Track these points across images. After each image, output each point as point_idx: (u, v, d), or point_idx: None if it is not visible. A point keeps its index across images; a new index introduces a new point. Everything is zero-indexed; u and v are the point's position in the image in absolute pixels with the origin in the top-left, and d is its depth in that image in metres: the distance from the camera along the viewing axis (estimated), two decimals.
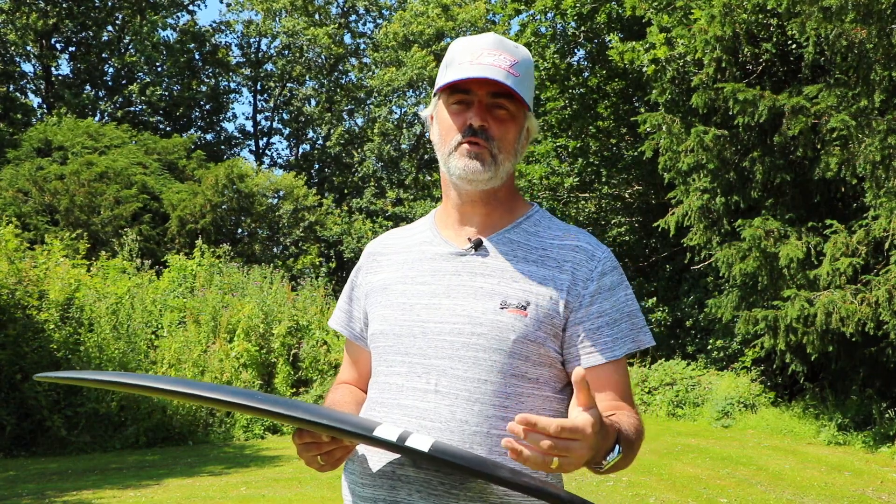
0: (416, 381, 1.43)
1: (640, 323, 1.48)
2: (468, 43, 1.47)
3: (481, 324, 1.41)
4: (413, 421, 1.40)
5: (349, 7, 28.15)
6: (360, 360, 1.65)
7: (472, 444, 1.37)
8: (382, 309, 1.52)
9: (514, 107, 1.45)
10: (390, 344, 1.48)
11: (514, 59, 1.45)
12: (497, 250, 1.48)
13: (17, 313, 8.07)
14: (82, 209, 16.04)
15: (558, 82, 13.07)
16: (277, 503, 5.88)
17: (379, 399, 1.48)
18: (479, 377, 1.40)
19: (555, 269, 1.45)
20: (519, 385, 1.41)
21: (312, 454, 1.37)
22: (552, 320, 1.42)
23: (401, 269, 1.54)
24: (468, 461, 1.24)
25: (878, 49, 7.38)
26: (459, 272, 1.47)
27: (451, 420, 1.38)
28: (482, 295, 1.43)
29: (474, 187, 1.47)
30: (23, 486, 6.46)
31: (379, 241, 1.65)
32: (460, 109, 1.45)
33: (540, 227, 1.52)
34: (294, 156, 29.39)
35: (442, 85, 1.46)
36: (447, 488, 1.37)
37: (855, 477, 6.81)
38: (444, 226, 1.55)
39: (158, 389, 1.34)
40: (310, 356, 10.49)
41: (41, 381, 1.47)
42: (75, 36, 25.60)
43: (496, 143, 1.44)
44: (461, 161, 1.44)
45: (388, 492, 1.40)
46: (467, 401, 1.39)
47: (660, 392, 10.78)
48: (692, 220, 9.38)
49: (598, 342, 1.43)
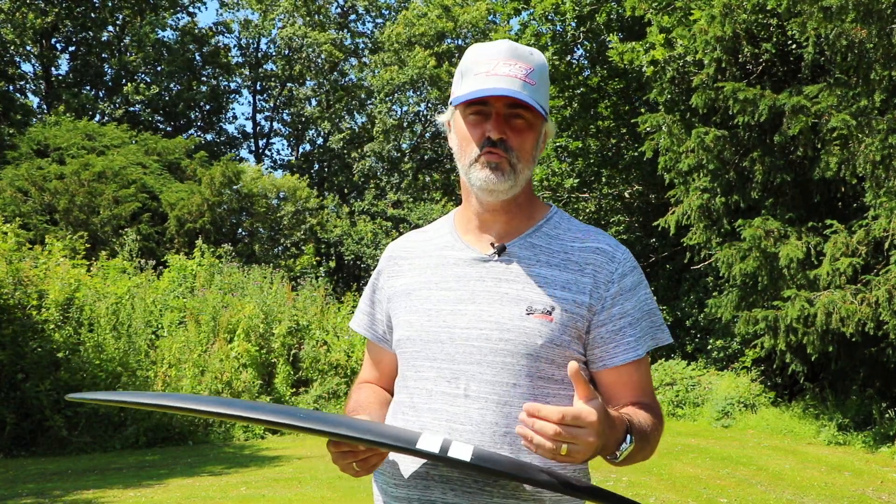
0: (444, 385, 1.45)
1: (659, 321, 1.52)
2: (483, 51, 1.48)
3: (508, 329, 1.44)
4: (444, 424, 1.43)
5: (349, 7, 28.15)
6: (383, 360, 1.68)
7: (502, 444, 1.41)
8: (407, 314, 1.54)
9: (531, 115, 1.46)
10: (418, 349, 1.50)
11: (530, 68, 1.45)
12: (520, 255, 1.50)
13: (17, 313, 8.07)
14: (81, 209, 16.04)
15: (558, 82, 13.06)
16: (277, 503, 5.88)
17: (409, 403, 1.50)
18: (507, 381, 1.43)
19: (577, 272, 1.47)
20: (546, 387, 1.44)
21: (348, 461, 1.39)
22: (576, 324, 1.45)
23: (423, 274, 1.56)
24: (509, 466, 1.28)
25: (878, 49, 7.37)
26: (484, 278, 1.49)
27: (482, 423, 1.42)
28: (508, 301, 1.46)
29: (495, 198, 1.49)
30: (23, 486, 6.45)
31: (399, 244, 1.67)
32: (478, 120, 1.47)
33: (560, 229, 1.54)
34: (294, 156, 29.39)
35: (460, 100, 1.46)
36: (480, 486, 1.41)
37: (855, 477, 6.81)
38: (464, 230, 1.57)
39: (192, 410, 1.30)
40: (310, 356, 10.49)
41: (73, 401, 1.48)
42: (75, 36, 25.60)
43: (515, 154, 1.45)
44: (481, 173, 1.45)
45: (421, 491, 1.43)
46: (497, 403, 1.42)
47: (660, 392, 10.78)
48: (692, 219, 9.38)
49: (621, 343, 1.47)
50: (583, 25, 12.68)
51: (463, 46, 24.18)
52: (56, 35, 25.00)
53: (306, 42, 26.24)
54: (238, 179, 18.85)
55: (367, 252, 21.10)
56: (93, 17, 24.97)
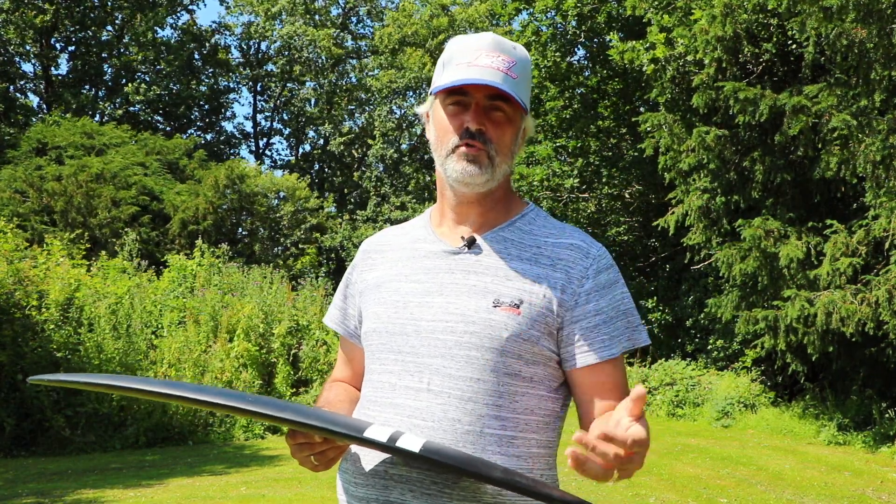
0: (408, 379, 1.42)
1: (636, 321, 1.47)
2: (466, 42, 1.46)
3: (474, 322, 1.40)
4: (405, 420, 1.39)
5: (350, 8, 28.14)
6: (354, 357, 1.65)
7: (464, 443, 1.37)
8: (375, 306, 1.51)
9: (511, 109, 1.44)
10: (383, 342, 1.47)
11: (512, 61, 1.43)
12: (490, 248, 1.47)
13: (17, 313, 8.07)
14: (79, 210, 16.02)
15: (558, 82, 13.06)
16: (277, 503, 5.87)
17: (372, 397, 1.47)
18: (471, 376, 1.39)
19: (548, 267, 1.44)
20: (512, 384, 1.40)
21: (305, 454, 1.38)
22: (546, 318, 1.41)
23: (395, 267, 1.53)
24: (460, 461, 1.24)
25: (878, 49, 7.37)
26: (453, 270, 1.46)
27: (444, 419, 1.38)
28: (475, 293, 1.42)
29: (471, 190, 1.46)
30: (23, 486, 6.45)
31: (374, 239, 1.65)
32: (457, 111, 1.44)
33: (534, 225, 1.51)
34: (294, 156, 29.38)
35: (440, 88, 1.44)
36: (440, 488, 1.36)
37: (855, 477, 6.81)
38: (438, 224, 1.54)
39: (148, 392, 1.35)
40: (310, 356, 10.49)
41: (35, 383, 1.49)
42: (75, 36, 25.60)
43: (493, 146, 1.43)
44: (458, 164, 1.43)
45: (380, 491, 1.39)
46: (460, 399, 1.38)
47: (660, 392, 10.78)
48: (692, 219, 9.37)
49: (594, 341, 1.42)
50: (583, 24, 12.68)
51: None
52: (56, 35, 25.00)
53: (305, 39, 26.21)
54: (242, 181, 18.85)
55: None
56: (92, 16, 24.98)
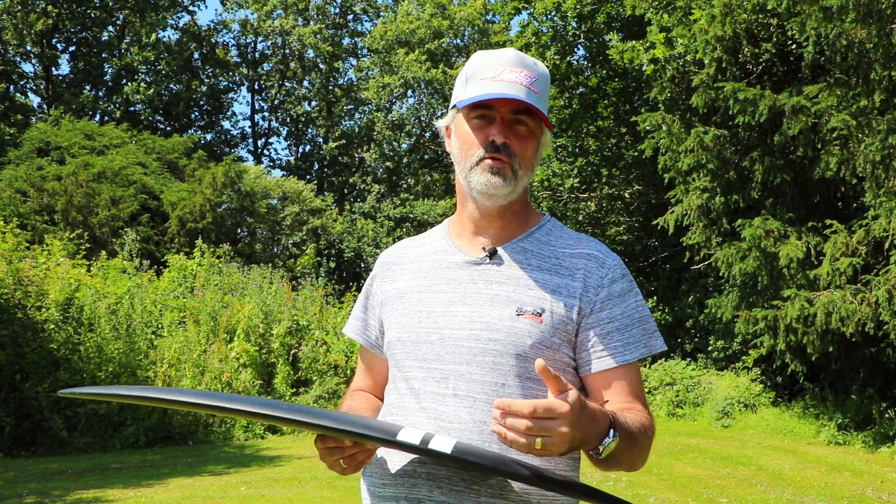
0: (434, 385, 1.46)
1: (652, 328, 1.51)
2: (489, 58, 1.50)
3: (498, 330, 1.44)
4: (432, 423, 1.43)
5: (346, 7, 28.11)
6: (375, 367, 1.68)
7: (491, 443, 1.40)
8: (399, 317, 1.54)
9: (534, 123, 1.48)
10: (408, 350, 1.51)
11: (534, 76, 1.48)
12: (511, 259, 1.52)
13: (17, 313, 8.07)
14: (80, 210, 16.02)
15: (558, 82, 13.06)
16: (277, 503, 5.88)
17: (398, 403, 1.50)
18: (496, 381, 1.43)
19: (567, 276, 1.49)
20: (536, 388, 1.44)
21: (335, 458, 1.39)
22: (566, 326, 1.46)
23: (416, 278, 1.57)
24: (491, 460, 1.27)
25: (878, 49, 7.37)
26: (475, 280, 1.51)
27: (470, 421, 1.41)
28: (498, 302, 1.47)
29: (494, 202, 1.50)
30: (23, 486, 6.46)
31: (393, 250, 1.68)
32: (482, 125, 1.48)
33: (552, 235, 1.56)
34: (293, 156, 29.37)
35: (466, 102, 1.47)
36: (468, 484, 1.40)
37: (855, 477, 6.81)
38: (458, 236, 1.58)
39: (185, 403, 1.35)
40: (309, 356, 10.48)
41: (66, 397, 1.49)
42: (75, 36, 25.60)
43: (517, 159, 1.47)
44: (483, 176, 1.47)
45: (408, 489, 1.43)
46: (486, 403, 1.42)
47: (660, 392, 10.78)
48: (692, 219, 9.37)
49: (608, 346, 1.47)
50: (583, 24, 12.69)
51: (460, 45, 24.15)
52: (56, 35, 24.99)
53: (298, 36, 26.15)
54: (240, 179, 18.84)
55: (368, 250, 21.12)
56: (93, 17, 24.98)
